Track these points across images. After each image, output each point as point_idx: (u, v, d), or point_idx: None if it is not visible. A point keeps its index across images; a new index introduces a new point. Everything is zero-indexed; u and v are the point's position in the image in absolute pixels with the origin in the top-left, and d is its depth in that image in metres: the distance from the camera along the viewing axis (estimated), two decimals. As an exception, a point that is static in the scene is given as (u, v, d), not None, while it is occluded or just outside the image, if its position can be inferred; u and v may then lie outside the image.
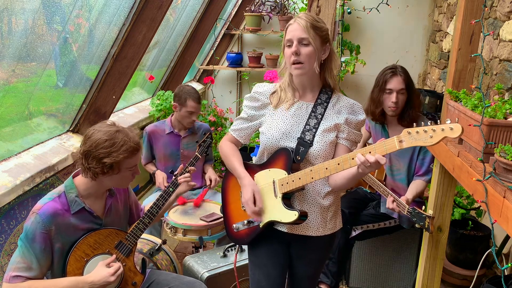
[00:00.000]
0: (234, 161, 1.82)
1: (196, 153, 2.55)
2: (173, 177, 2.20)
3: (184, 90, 2.98)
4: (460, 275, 2.91)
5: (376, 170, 2.71)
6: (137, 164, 1.79)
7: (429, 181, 2.53)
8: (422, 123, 1.43)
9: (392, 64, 2.61)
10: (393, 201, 2.40)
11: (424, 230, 2.14)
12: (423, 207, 2.16)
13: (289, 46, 1.70)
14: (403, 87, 2.48)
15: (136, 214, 2.08)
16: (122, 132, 1.71)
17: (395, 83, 2.48)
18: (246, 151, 4.40)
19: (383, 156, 1.48)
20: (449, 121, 1.36)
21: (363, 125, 1.82)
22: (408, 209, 2.26)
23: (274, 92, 1.81)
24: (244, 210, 1.83)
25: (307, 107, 1.77)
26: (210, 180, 2.95)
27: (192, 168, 2.23)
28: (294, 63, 1.68)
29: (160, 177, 2.95)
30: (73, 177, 1.78)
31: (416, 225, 2.16)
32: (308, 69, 1.69)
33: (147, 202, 3.02)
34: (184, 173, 2.21)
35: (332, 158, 1.73)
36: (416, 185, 2.53)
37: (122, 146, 1.67)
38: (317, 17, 1.73)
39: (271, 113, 1.79)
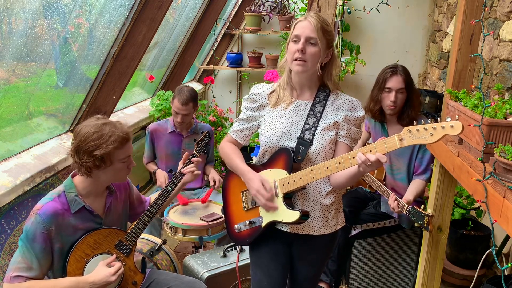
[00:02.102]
0: (236, 159, 1.82)
1: (194, 151, 2.54)
2: (172, 176, 2.19)
3: (178, 89, 2.98)
4: (460, 275, 2.91)
5: (376, 170, 2.71)
6: (130, 156, 1.78)
7: (428, 180, 2.53)
8: (422, 121, 1.43)
9: (393, 63, 2.61)
10: (395, 199, 2.40)
11: (423, 229, 2.14)
12: (422, 206, 2.16)
13: (296, 41, 1.69)
14: (402, 87, 2.48)
15: (141, 208, 2.07)
16: (109, 124, 1.71)
17: (394, 82, 2.48)
18: (246, 151, 4.40)
19: (383, 154, 1.48)
20: (449, 119, 1.36)
21: (363, 122, 1.82)
22: (407, 208, 2.26)
23: (273, 91, 1.81)
24: (246, 210, 1.83)
25: (305, 106, 1.77)
26: (214, 181, 2.94)
27: (196, 158, 2.20)
28: (296, 60, 1.68)
29: (161, 176, 2.95)
30: (72, 176, 1.78)
31: (416, 224, 2.17)
32: (310, 68, 1.70)
33: (147, 202, 3.02)
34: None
35: (333, 156, 1.73)
36: (415, 185, 2.52)
37: (110, 137, 1.67)
38: (327, 20, 1.73)
39: (269, 114, 1.80)
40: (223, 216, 1.97)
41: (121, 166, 1.75)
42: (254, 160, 1.91)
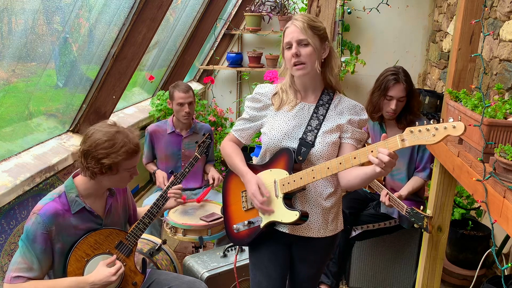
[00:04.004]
0: (236, 160, 1.82)
1: (196, 153, 2.55)
2: (172, 177, 2.19)
3: (172, 85, 3.01)
4: (460, 275, 2.91)
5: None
6: (136, 166, 1.79)
7: (426, 178, 2.55)
8: (425, 122, 1.43)
9: (393, 66, 2.59)
10: (386, 194, 2.42)
11: (423, 230, 2.14)
12: (421, 207, 2.16)
13: (289, 48, 1.70)
14: (403, 95, 2.48)
15: (133, 214, 2.08)
16: (122, 133, 1.70)
17: (396, 91, 2.47)
18: (246, 151, 4.40)
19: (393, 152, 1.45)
20: (451, 120, 1.36)
21: (366, 125, 1.82)
22: (407, 209, 2.26)
23: (275, 94, 1.81)
24: (245, 210, 1.83)
25: (309, 108, 1.77)
26: (213, 179, 2.95)
27: (179, 186, 2.16)
28: (295, 65, 1.68)
29: (161, 176, 2.95)
30: (73, 177, 1.78)
31: (415, 225, 2.17)
32: (310, 69, 1.70)
33: (147, 202, 3.02)
34: (176, 183, 2.17)
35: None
36: (412, 182, 2.56)
37: (121, 148, 1.67)
38: (313, 16, 1.74)
39: (272, 114, 1.80)
40: (222, 216, 1.97)
41: (126, 175, 1.76)
42: (255, 160, 1.91)
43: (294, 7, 4.83)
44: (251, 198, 1.74)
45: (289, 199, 1.72)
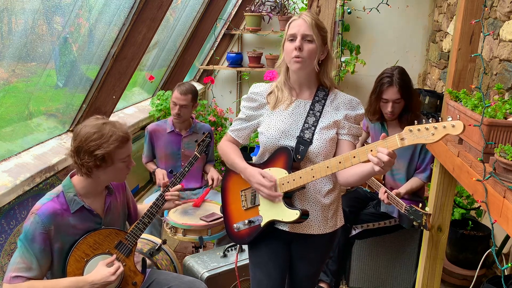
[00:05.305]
0: (234, 157, 1.82)
1: (195, 152, 2.55)
2: (173, 177, 2.19)
3: (179, 83, 3.01)
4: (460, 275, 2.91)
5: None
6: (130, 155, 1.79)
7: (426, 179, 2.56)
8: (423, 120, 1.43)
9: (391, 67, 2.59)
10: (385, 192, 2.44)
11: (422, 228, 2.15)
12: (420, 205, 2.17)
13: (292, 40, 1.70)
14: (398, 97, 2.47)
15: (134, 212, 2.08)
16: (109, 124, 1.72)
17: (390, 94, 2.47)
18: (246, 151, 4.40)
19: (393, 151, 1.44)
20: (450, 119, 1.36)
21: (362, 119, 1.82)
22: (406, 207, 2.26)
23: (271, 93, 1.81)
24: (245, 209, 1.83)
25: (305, 105, 1.77)
26: (212, 180, 2.94)
27: (178, 186, 2.13)
28: (294, 58, 1.68)
29: (160, 174, 2.95)
30: (71, 176, 1.78)
31: (414, 223, 2.17)
32: (308, 65, 1.70)
33: (147, 202, 3.01)
34: (175, 183, 2.16)
35: (334, 155, 1.73)
36: (412, 181, 2.57)
37: (111, 137, 1.68)
38: (319, 18, 1.75)
39: (268, 113, 1.80)
40: (222, 215, 1.97)
41: (122, 165, 1.75)
42: (254, 160, 1.91)
43: (294, 7, 4.83)
44: (257, 189, 1.73)
45: (289, 198, 1.73)
